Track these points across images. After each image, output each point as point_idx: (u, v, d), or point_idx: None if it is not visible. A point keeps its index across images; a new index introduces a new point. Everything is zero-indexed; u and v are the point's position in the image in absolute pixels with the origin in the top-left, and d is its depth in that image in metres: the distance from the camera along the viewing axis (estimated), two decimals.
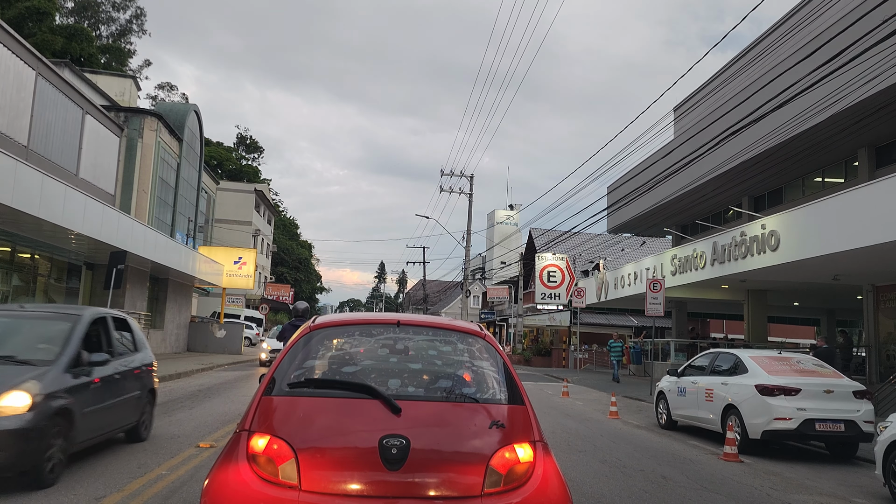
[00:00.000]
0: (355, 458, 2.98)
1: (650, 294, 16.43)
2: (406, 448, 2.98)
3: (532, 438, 3.23)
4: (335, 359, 3.62)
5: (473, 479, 2.99)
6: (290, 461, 2.95)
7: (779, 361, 9.84)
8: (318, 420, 3.14)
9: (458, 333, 3.86)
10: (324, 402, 3.24)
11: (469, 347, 3.76)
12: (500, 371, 3.59)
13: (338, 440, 3.05)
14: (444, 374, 3.57)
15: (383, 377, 3.43)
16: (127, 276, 21.89)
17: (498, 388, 3.47)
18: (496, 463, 3.05)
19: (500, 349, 3.81)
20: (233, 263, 30.20)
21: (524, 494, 3.02)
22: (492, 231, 73.22)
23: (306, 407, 3.22)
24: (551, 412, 13.97)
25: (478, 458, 3.05)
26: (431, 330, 3.90)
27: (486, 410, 3.29)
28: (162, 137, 30.95)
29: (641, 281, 23.31)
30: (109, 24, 60.12)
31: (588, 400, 17.41)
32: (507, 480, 3.04)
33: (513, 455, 3.10)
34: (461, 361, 3.68)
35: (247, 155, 74.22)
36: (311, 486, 2.91)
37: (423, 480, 2.97)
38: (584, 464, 8.12)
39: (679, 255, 20.41)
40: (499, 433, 3.17)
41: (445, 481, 2.99)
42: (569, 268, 32.79)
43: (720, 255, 17.89)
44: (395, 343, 3.74)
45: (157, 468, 6.64)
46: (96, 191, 23.47)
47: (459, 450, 3.09)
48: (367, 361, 3.61)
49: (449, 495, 2.97)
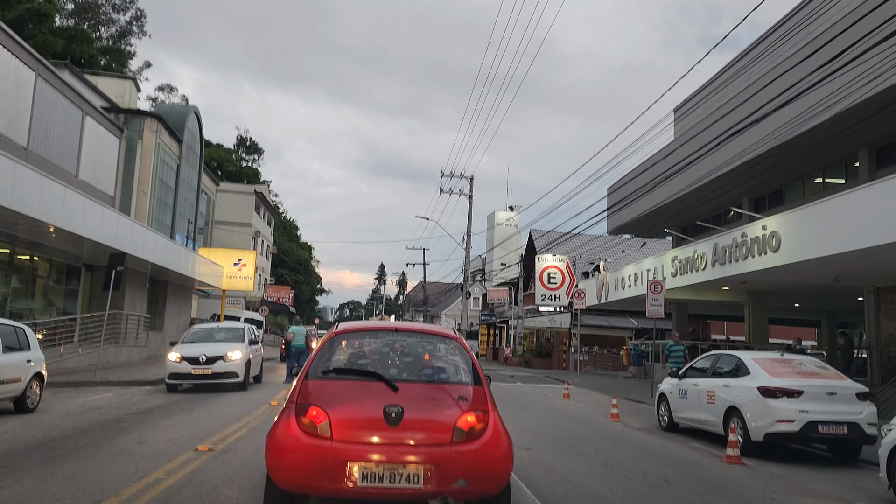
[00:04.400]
0: (367, 420, 4.38)
1: (651, 295, 16.36)
2: (401, 413, 4.35)
3: (486, 408, 4.62)
4: (352, 354, 5.11)
5: (445, 434, 4.39)
6: (326, 422, 4.35)
7: (781, 363, 9.77)
8: (343, 395, 4.55)
9: (438, 337, 5.37)
10: (346, 383, 4.71)
11: (446, 346, 5.23)
12: (468, 363, 5.02)
13: (356, 409, 4.47)
14: (428, 364, 5.07)
15: (385, 367, 4.90)
16: (126, 277, 21.85)
17: (465, 375, 4.93)
18: (461, 424, 4.44)
19: (468, 348, 5.25)
20: (233, 265, 30.11)
21: (478, 444, 4.41)
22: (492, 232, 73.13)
23: (334, 387, 4.66)
24: (553, 415, 13.91)
25: (448, 420, 4.44)
26: (419, 334, 5.45)
27: (456, 389, 4.75)
28: (162, 139, 30.90)
29: (642, 282, 23.26)
30: (109, 25, 59.98)
31: (589, 402, 17.36)
32: (468, 435, 4.43)
33: (472, 419, 4.48)
34: (440, 356, 5.15)
35: (247, 156, 74.10)
36: (340, 437, 4.31)
37: (412, 434, 4.36)
38: (586, 466, 8.07)
39: (680, 256, 20.36)
40: (464, 404, 4.57)
41: (427, 435, 4.38)
42: (569, 269, 32.74)
43: (721, 257, 17.84)
44: (394, 343, 5.23)
45: (155, 472, 6.58)
46: (96, 192, 23.44)
47: (436, 415, 4.49)
48: (374, 356, 5.09)
49: (429, 443, 4.35)
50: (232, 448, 8.02)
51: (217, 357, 14.51)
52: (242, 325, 17.47)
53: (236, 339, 15.75)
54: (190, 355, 14.46)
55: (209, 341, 15.51)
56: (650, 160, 27.53)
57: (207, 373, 14.35)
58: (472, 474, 4.34)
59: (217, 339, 15.81)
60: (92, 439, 8.27)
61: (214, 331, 16.64)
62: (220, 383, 14.57)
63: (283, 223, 71.52)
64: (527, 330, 40.23)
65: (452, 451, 4.34)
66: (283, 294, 53.28)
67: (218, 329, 16.89)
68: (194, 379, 14.49)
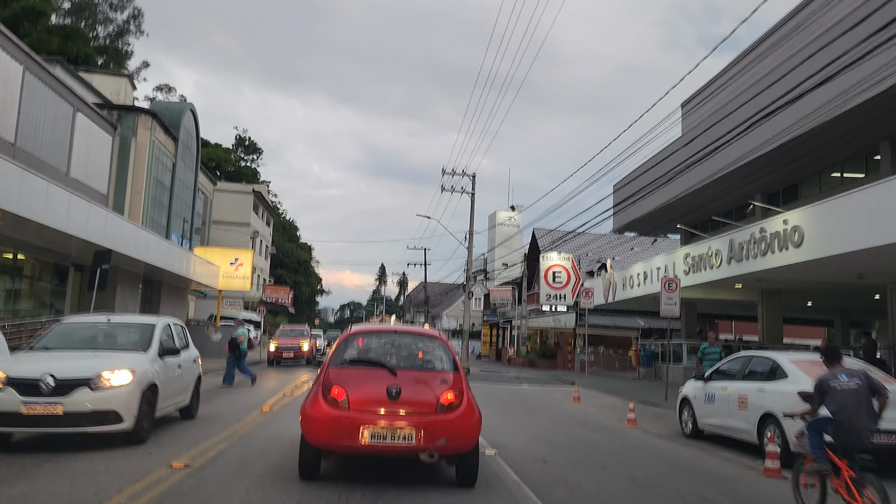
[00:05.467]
0: (375, 396, 5.85)
1: (665, 294, 15.56)
2: (399, 392, 5.83)
3: (461, 389, 6.10)
4: (362, 349, 6.61)
5: (431, 407, 5.86)
6: (345, 398, 5.82)
7: (821, 366, 8.98)
8: (356, 378, 6.07)
9: (427, 337, 7.00)
10: (358, 370, 6.25)
11: (433, 344, 6.77)
12: (449, 356, 6.57)
13: (366, 388, 5.93)
14: (419, 357, 6.61)
15: (387, 358, 6.41)
16: (117, 277, 21.08)
17: (446, 364, 6.46)
18: (443, 399, 5.92)
19: (450, 344, 6.85)
20: (229, 265, 29.18)
21: (455, 414, 5.87)
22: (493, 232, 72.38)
23: (350, 372, 6.18)
24: (565, 421, 13.12)
25: (434, 397, 5.92)
26: (412, 335, 7.05)
27: (440, 375, 6.23)
28: (157, 136, 30.12)
29: (651, 281, 22.48)
30: (107, 24, 59.24)
31: (601, 406, 16.58)
32: (448, 408, 5.90)
33: (451, 396, 5.96)
34: (428, 351, 6.67)
35: (245, 156, 73.34)
36: (355, 408, 5.79)
37: (407, 407, 5.81)
38: (612, 482, 7.29)
39: (692, 253, 19.57)
40: (445, 386, 6.05)
41: (418, 407, 5.84)
42: (574, 268, 31.93)
43: (737, 253, 17.05)
44: (393, 341, 6.78)
45: None
46: (88, 190, 22.68)
47: (425, 393, 5.96)
48: (379, 350, 6.61)
49: (419, 413, 5.79)
50: None
51: (75, 382, 7.50)
52: (156, 322, 9.66)
53: (130, 347, 8.93)
54: (24, 378, 7.44)
55: (78, 349, 8.71)
56: (658, 156, 26.86)
57: (53, 412, 7.32)
58: (450, 435, 5.82)
59: (97, 344, 9.05)
60: None
61: (98, 328, 9.53)
62: (78, 432, 7.53)
63: (283, 223, 70.71)
64: (530, 330, 39.43)
65: (436, 419, 5.83)
66: (282, 294, 52.43)
67: (107, 325, 9.60)
68: (28, 424, 7.39)
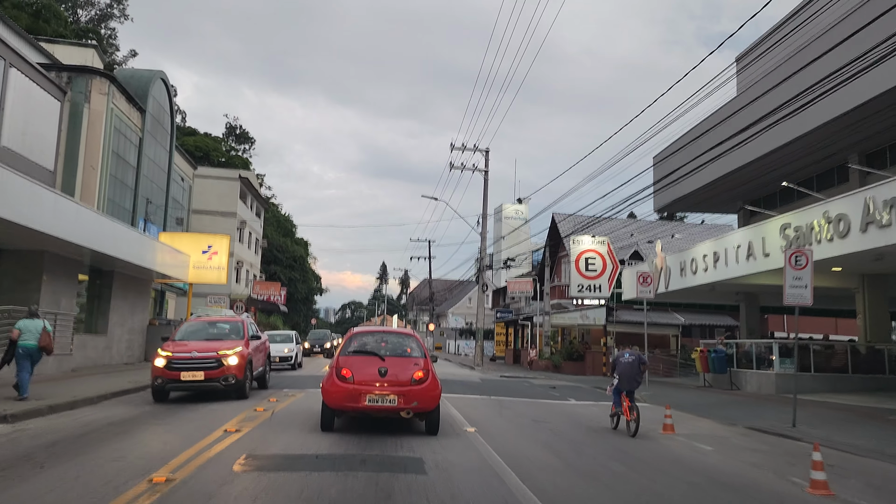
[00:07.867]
0: (371, 374, 9.64)
1: (791, 271, 10.66)
2: (387, 371, 9.64)
3: (428, 369, 9.83)
4: (362, 343, 10.58)
5: (407, 381, 9.66)
6: (351, 376, 9.63)
7: None
8: (358, 363, 9.92)
9: (405, 335, 11.26)
10: (359, 357, 10.12)
11: (409, 339, 10.91)
12: (420, 348, 10.52)
13: (365, 369, 9.74)
14: (400, 348, 10.56)
15: (379, 349, 10.37)
16: (43, 264, 16.55)
17: (418, 353, 10.37)
18: (415, 376, 9.72)
19: (421, 340, 11.00)
20: (201, 253, 24.40)
21: (423, 386, 9.63)
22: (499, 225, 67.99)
23: (354, 359, 10.01)
24: (703, 483, 7.44)
25: (409, 375, 9.73)
26: (396, 334, 11.44)
27: (413, 360, 10.12)
28: (116, 104, 25.57)
29: (725, 262, 17.90)
30: (88, 8, 55.06)
31: (707, 437, 10.82)
32: (419, 382, 9.66)
33: (421, 374, 9.74)
34: (406, 344, 10.70)
35: (237, 146, 69.00)
36: (358, 382, 9.57)
37: (391, 381, 9.59)
38: None
39: (794, 223, 14.98)
40: (416, 367, 9.88)
41: (399, 382, 9.61)
42: (611, 253, 27.28)
43: (878, 217, 12.40)
44: (383, 338, 10.88)
45: None
46: (28, 165, 18.21)
47: (404, 372, 9.77)
48: (373, 344, 10.56)
49: (400, 385, 9.56)
50: None
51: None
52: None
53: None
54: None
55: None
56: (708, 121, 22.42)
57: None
58: (420, 399, 9.41)
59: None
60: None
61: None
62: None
63: (277, 217, 66.20)
64: (553, 328, 34.80)
65: (411, 389, 9.39)
66: (273, 291, 47.72)
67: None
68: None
